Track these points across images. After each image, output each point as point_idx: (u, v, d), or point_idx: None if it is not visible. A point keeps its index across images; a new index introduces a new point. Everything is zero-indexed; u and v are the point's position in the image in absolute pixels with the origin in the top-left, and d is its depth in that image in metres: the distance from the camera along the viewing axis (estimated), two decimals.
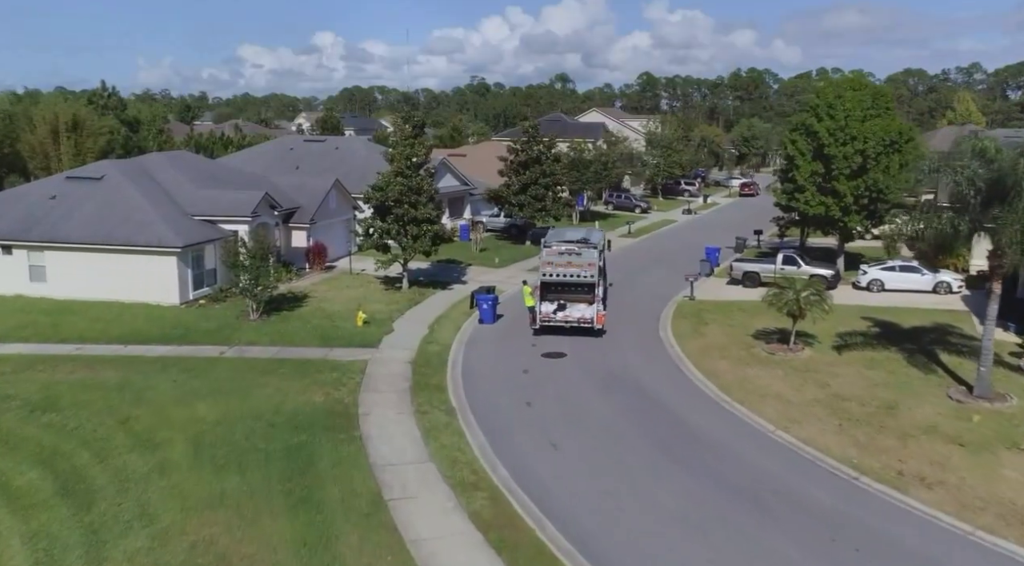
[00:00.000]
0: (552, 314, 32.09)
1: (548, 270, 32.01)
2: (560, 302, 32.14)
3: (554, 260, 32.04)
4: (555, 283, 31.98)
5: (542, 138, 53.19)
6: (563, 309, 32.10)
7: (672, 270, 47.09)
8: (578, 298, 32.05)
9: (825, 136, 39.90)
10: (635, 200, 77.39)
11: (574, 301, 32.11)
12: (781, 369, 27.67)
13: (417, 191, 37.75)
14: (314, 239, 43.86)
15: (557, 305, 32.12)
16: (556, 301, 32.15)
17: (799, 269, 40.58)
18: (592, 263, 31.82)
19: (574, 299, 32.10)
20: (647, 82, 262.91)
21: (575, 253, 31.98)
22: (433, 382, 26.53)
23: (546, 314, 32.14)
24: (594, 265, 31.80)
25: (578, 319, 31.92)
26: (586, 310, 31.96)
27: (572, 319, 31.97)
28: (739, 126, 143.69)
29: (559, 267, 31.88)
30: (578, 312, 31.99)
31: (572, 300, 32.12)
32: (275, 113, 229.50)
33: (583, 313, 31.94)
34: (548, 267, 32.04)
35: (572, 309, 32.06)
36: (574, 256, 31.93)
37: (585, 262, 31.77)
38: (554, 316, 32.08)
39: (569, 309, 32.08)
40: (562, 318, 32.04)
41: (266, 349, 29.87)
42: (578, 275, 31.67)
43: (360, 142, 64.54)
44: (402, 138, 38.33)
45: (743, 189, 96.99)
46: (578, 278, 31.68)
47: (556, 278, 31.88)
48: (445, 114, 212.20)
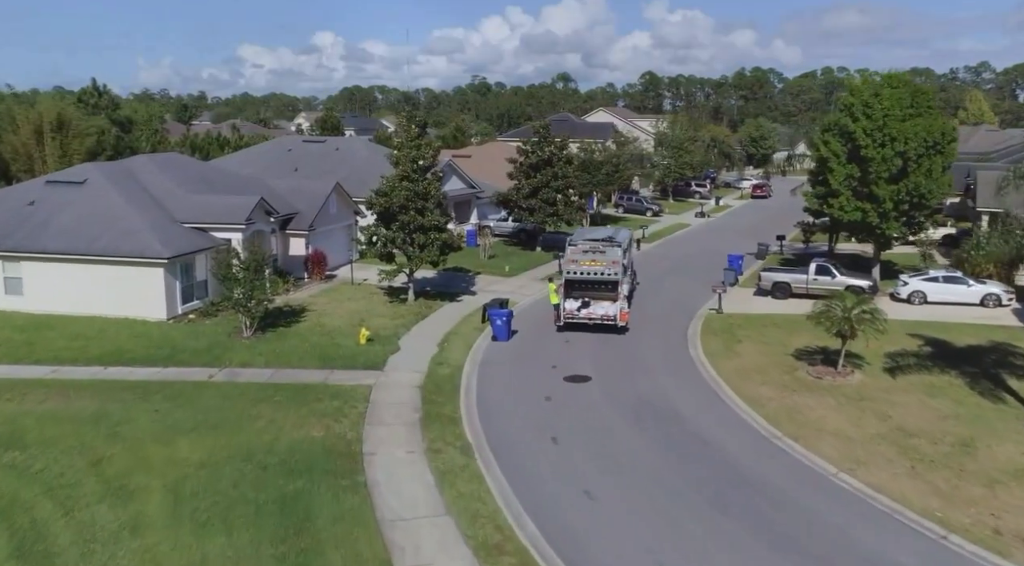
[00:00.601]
0: (576, 311, 32.21)
1: (572, 268, 32.37)
2: (584, 299, 32.41)
3: (578, 258, 32.36)
4: (579, 281, 32.37)
5: (553, 139, 50.39)
6: (587, 306, 32.27)
7: (693, 279, 44.36)
8: (602, 296, 32.38)
9: (862, 137, 37.13)
10: (646, 203, 74.60)
11: (598, 299, 32.39)
12: (832, 396, 24.87)
13: (424, 196, 34.99)
14: (313, 247, 41.09)
15: (581, 302, 32.36)
16: (580, 298, 32.46)
17: (833, 279, 37.91)
18: (616, 261, 32.03)
19: (598, 297, 32.43)
20: (650, 81, 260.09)
21: (599, 251, 32.25)
22: (446, 412, 23.75)
23: (570, 311, 32.27)
24: (617, 263, 32.02)
25: (601, 316, 31.95)
26: (609, 307, 31.98)
27: (595, 316, 32.01)
28: (747, 126, 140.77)
29: (583, 265, 32.24)
30: (601, 309, 32.04)
31: (596, 298, 32.44)
32: (274, 113, 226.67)
33: (606, 310, 31.95)
34: (572, 265, 32.40)
35: (596, 306, 32.21)
36: (598, 254, 32.21)
37: (609, 260, 32.04)
38: (578, 313, 32.17)
39: (593, 306, 32.24)
40: (585, 315, 32.10)
41: (260, 372, 27.10)
42: (601, 273, 32.03)
43: (361, 143, 61.80)
44: (407, 140, 35.56)
45: (755, 191, 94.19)
46: (601, 276, 32.04)
47: (580, 276, 32.26)
48: (446, 114, 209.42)
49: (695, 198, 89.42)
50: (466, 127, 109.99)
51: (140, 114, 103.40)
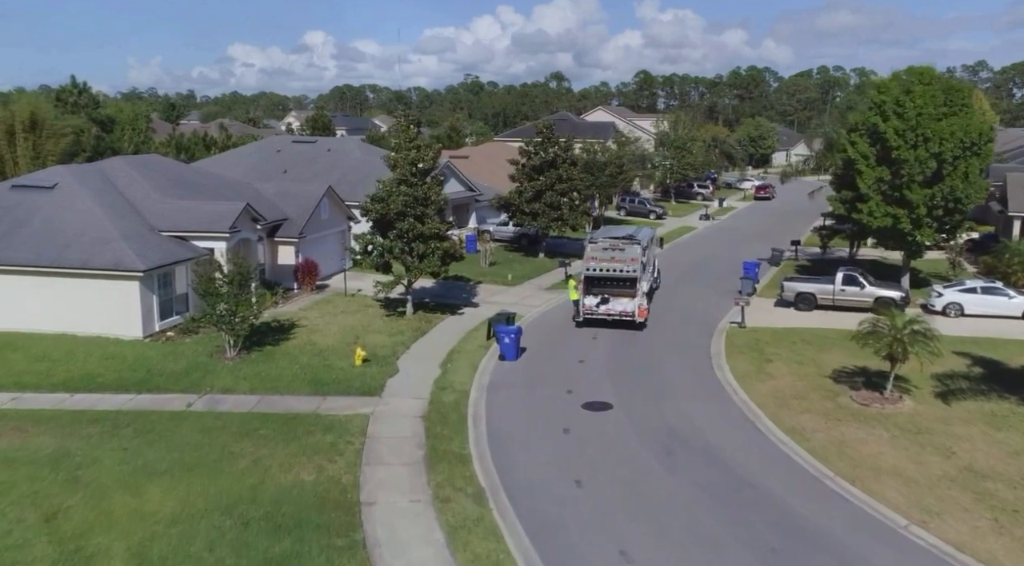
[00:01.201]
0: (595, 307, 32.69)
1: (592, 265, 32.96)
2: (603, 296, 32.73)
3: (598, 255, 32.98)
4: (598, 278, 32.81)
5: (558, 139, 47.74)
6: (606, 303, 32.66)
7: (708, 288, 41.83)
8: (620, 292, 32.70)
9: (893, 137, 34.61)
10: (650, 205, 72.02)
11: (617, 295, 32.71)
12: (883, 428, 22.31)
13: (424, 202, 32.29)
14: (304, 255, 38.32)
15: (600, 299, 32.70)
16: (599, 295, 32.75)
17: (862, 291, 35.43)
18: (635, 258, 32.63)
19: (617, 293, 32.73)
20: (644, 80, 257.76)
21: (618, 248, 32.86)
22: (453, 448, 21.07)
23: (589, 307, 32.75)
24: (636, 260, 32.59)
25: (620, 312, 32.47)
26: (628, 304, 32.48)
27: (614, 312, 32.53)
28: (745, 125, 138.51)
29: (603, 262, 32.81)
30: (620, 306, 32.50)
31: (615, 294, 32.73)
32: (264, 112, 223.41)
33: (625, 307, 32.46)
34: (592, 262, 32.99)
35: (614, 303, 32.60)
36: (617, 251, 32.80)
37: (628, 257, 32.66)
38: (597, 309, 32.66)
39: (611, 302, 32.61)
40: (604, 311, 32.62)
41: (244, 399, 24.37)
42: (620, 270, 32.56)
43: (354, 143, 58.99)
44: (406, 141, 32.83)
45: (758, 192, 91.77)
46: (620, 273, 32.56)
47: (599, 273, 32.78)
48: (439, 113, 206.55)
49: (697, 200, 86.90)
50: (461, 127, 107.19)
51: (126, 113, 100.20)
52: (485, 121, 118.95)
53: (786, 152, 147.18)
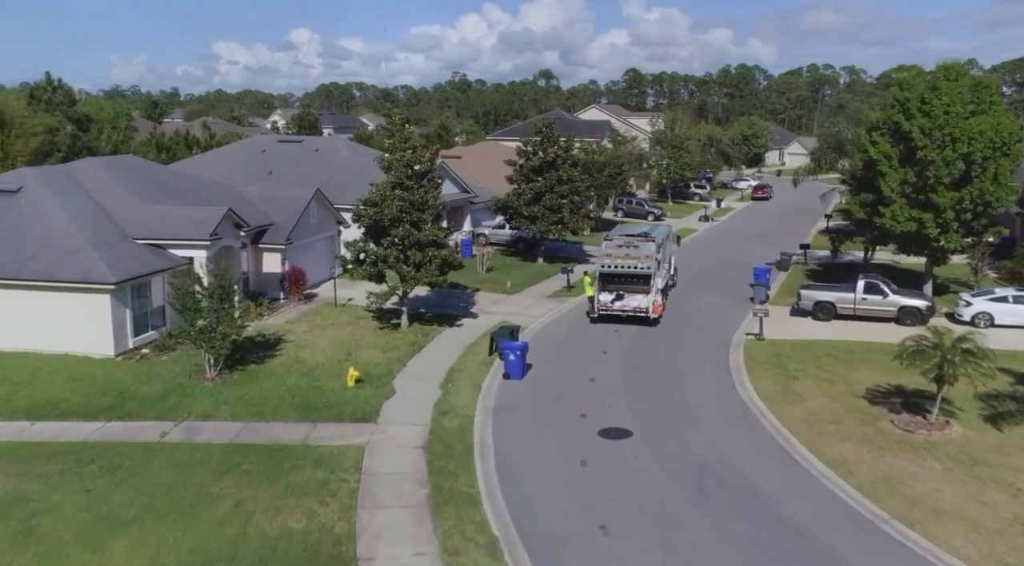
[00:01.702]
0: (610, 304, 33.00)
1: (607, 262, 33.61)
2: (618, 292, 33.19)
3: (612, 252, 33.62)
4: (613, 274, 33.46)
5: (558, 138, 45.49)
6: (620, 299, 33.02)
7: (718, 294, 39.78)
8: (635, 289, 33.21)
9: (919, 137, 32.60)
10: (648, 206, 69.90)
11: (631, 291, 33.20)
12: (934, 458, 20.22)
13: (421, 207, 29.99)
14: (290, 263, 35.91)
15: (615, 295, 33.13)
16: (614, 291, 33.25)
17: (885, 299, 33.41)
18: (649, 255, 33.13)
19: (631, 290, 33.23)
20: (634, 78, 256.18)
21: (633, 246, 33.43)
22: (460, 486, 18.81)
23: (604, 303, 33.06)
24: (651, 257, 33.08)
25: (634, 308, 32.74)
26: (642, 300, 32.83)
27: (628, 308, 32.79)
28: (739, 123, 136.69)
29: (617, 259, 33.42)
30: (634, 302, 32.86)
31: (629, 291, 33.24)
32: (249, 110, 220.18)
33: (639, 303, 32.79)
34: (607, 259, 33.65)
35: (629, 299, 32.98)
36: (632, 248, 33.36)
37: (642, 254, 33.19)
38: (611, 306, 32.96)
39: (626, 299, 33.00)
40: (619, 307, 32.90)
41: (225, 427, 22.02)
42: (635, 267, 33.08)
43: (342, 143, 56.52)
44: (400, 141, 30.50)
45: (756, 192, 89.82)
46: (635, 270, 33.08)
47: (614, 269, 33.38)
48: (427, 111, 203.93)
49: (695, 200, 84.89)
50: (451, 125, 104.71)
51: (106, 111, 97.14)
52: (475, 119, 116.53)
53: (779, 151, 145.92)
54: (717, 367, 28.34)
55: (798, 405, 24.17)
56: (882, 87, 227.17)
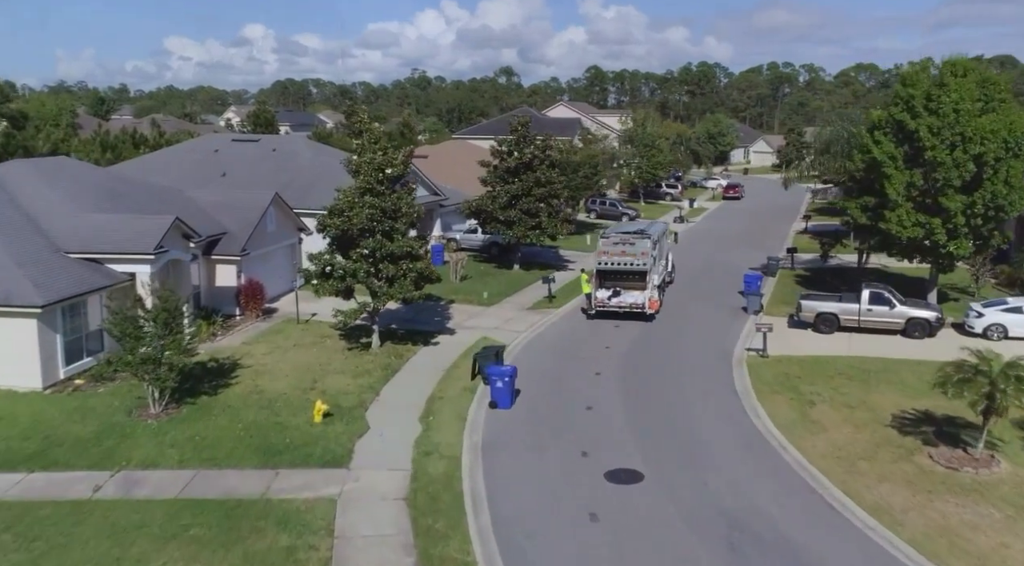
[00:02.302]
0: (607, 300, 33.53)
1: (603, 259, 33.82)
2: (615, 289, 33.62)
3: (609, 249, 33.85)
4: (610, 271, 33.77)
5: (534, 138, 42.71)
6: (617, 295, 33.51)
7: (709, 303, 37.50)
8: (632, 285, 33.63)
9: (927, 137, 30.49)
10: (621, 207, 67.56)
11: (628, 288, 33.62)
12: (989, 503, 17.85)
13: (394, 215, 26.96)
14: (247, 276, 32.58)
15: (612, 291, 33.57)
16: (611, 288, 33.64)
17: (892, 310, 31.28)
18: (645, 252, 33.42)
19: (628, 286, 33.64)
20: (595, 76, 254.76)
21: (629, 243, 33.72)
22: (452, 552, 15.89)
23: (601, 300, 33.58)
24: (647, 254, 33.38)
25: (631, 304, 33.26)
26: (639, 296, 33.30)
27: (625, 304, 33.32)
28: (705, 121, 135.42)
29: (614, 256, 33.66)
30: (631, 298, 33.33)
31: (626, 287, 33.65)
32: (202, 107, 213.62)
33: (636, 299, 33.28)
34: (603, 256, 33.87)
35: (626, 295, 33.46)
36: (628, 246, 33.65)
37: (638, 251, 33.45)
38: (609, 302, 33.49)
39: (623, 295, 33.47)
40: (616, 304, 33.43)
41: (171, 477, 18.84)
42: (631, 263, 33.37)
43: (302, 142, 53.06)
44: (370, 141, 27.41)
45: (727, 192, 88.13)
46: (631, 266, 33.37)
47: (610, 266, 33.67)
48: (387, 108, 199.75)
49: (666, 200, 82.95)
50: (413, 123, 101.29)
51: (48, 108, 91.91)
52: (439, 117, 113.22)
53: (745, 149, 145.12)
54: (723, 389, 25.83)
55: (821, 436, 21.71)
56: (840, 85, 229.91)
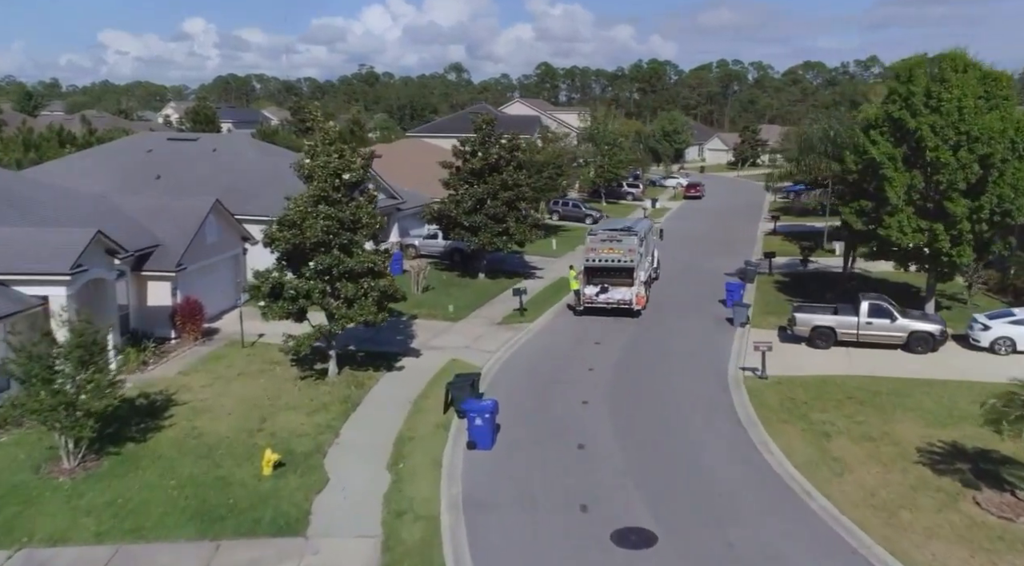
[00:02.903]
0: (595, 297, 33.81)
1: (591, 255, 33.94)
2: (603, 285, 33.81)
3: (596, 246, 34.03)
4: (598, 268, 33.93)
5: (500, 137, 39.64)
6: (605, 292, 33.77)
7: (691, 314, 35.07)
8: (619, 282, 33.80)
9: (929, 136, 28.32)
10: (584, 208, 64.90)
11: (615, 284, 33.80)
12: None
13: (353, 226, 23.65)
14: (184, 293, 28.88)
15: (600, 288, 33.80)
16: (599, 284, 33.83)
17: (893, 324, 29.06)
18: (632, 249, 33.63)
19: (615, 283, 33.81)
20: (546, 72, 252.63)
21: (616, 240, 33.96)
22: None
23: (589, 297, 33.87)
24: (634, 251, 33.57)
25: (618, 301, 33.63)
26: (626, 292, 33.63)
27: (613, 301, 33.67)
28: (660, 119, 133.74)
29: (601, 253, 33.82)
30: (619, 294, 33.64)
31: (614, 283, 33.80)
32: (139, 103, 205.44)
33: (623, 295, 33.62)
34: (591, 253, 33.99)
35: (613, 291, 33.71)
36: (615, 243, 33.87)
37: (625, 248, 33.68)
38: (596, 298, 33.80)
39: (611, 291, 33.71)
40: (604, 300, 33.74)
41: (87, 556, 15.37)
42: (618, 260, 33.55)
43: (246, 141, 49.13)
44: (324, 142, 24.03)
45: (688, 191, 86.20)
46: (618, 263, 33.58)
47: (598, 263, 33.83)
48: (334, 104, 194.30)
49: (628, 200, 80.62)
50: (363, 120, 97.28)
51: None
52: (389, 114, 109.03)
53: (699, 147, 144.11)
54: (726, 419, 23.16)
55: (848, 479, 19.14)
56: (789, 83, 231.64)
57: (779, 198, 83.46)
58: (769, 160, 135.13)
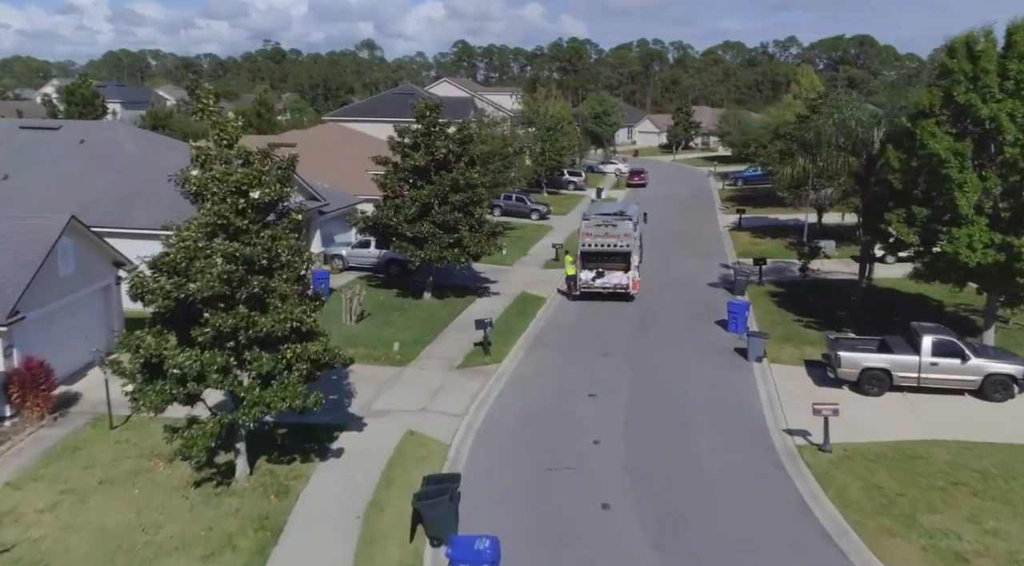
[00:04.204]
0: (591, 281, 33.79)
1: (587, 241, 33.72)
2: (598, 270, 33.76)
3: (592, 231, 33.79)
4: (593, 253, 33.79)
5: (444, 127, 32.07)
6: (601, 276, 33.74)
7: (689, 342, 28.96)
8: (615, 266, 33.76)
9: (1008, 127, 22.42)
10: (530, 202, 57.86)
11: (611, 269, 33.75)
12: None
13: (267, 268, 15.93)
14: (23, 353, 20.45)
15: (595, 273, 33.77)
16: (595, 269, 33.79)
17: (964, 365, 23.16)
18: (627, 234, 33.52)
19: (611, 267, 33.76)
20: (463, 51, 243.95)
21: (611, 224, 33.86)
22: None
23: (585, 281, 33.85)
24: (629, 235, 33.46)
25: (615, 285, 33.64)
26: (622, 277, 33.61)
27: (609, 285, 33.69)
28: (589, 100, 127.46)
29: (597, 238, 33.61)
30: (615, 279, 33.64)
31: (609, 268, 33.77)
32: (19, 79, 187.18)
33: (619, 280, 33.62)
34: (587, 238, 33.75)
35: (609, 276, 33.69)
36: (610, 227, 33.74)
37: (621, 233, 33.56)
38: (593, 283, 33.76)
39: (607, 276, 33.70)
40: (600, 285, 33.74)
41: None
42: (614, 245, 33.43)
43: (124, 130, 39.90)
44: (221, 141, 16.13)
45: (632, 179, 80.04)
46: (614, 247, 33.48)
47: (594, 248, 33.63)
48: (237, 83, 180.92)
49: (569, 189, 73.99)
50: (271, 101, 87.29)
51: None
52: (300, 94, 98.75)
53: (628, 129, 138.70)
54: (802, 526, 16.65)
55: None
56: (710, 63, 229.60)
57: (726, 185, 78.49)
58: (702, 143, 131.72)
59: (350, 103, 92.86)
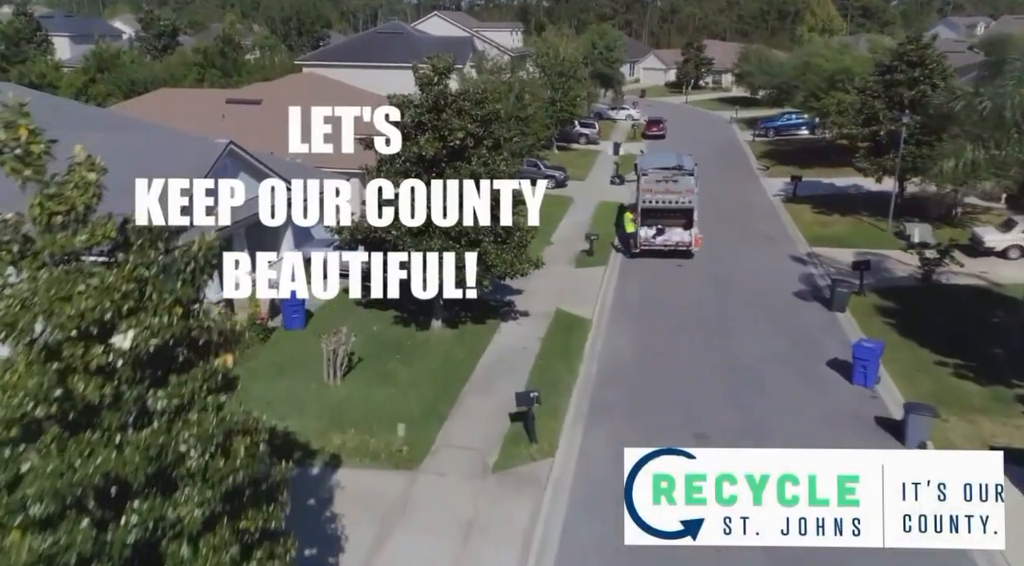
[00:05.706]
0: (652, 239, 32.97)
1: (648, 197, 32.85)
2: (659, 227, 33.00)
3: (652, 187, 32.90)
4: (655, 209, 32.87)
5: (463, 100, 22.97)
6: (661, 233, 32.98)
7: (798, 417, 20.37)
8: (675, 223, 33.11)
9: None
10: (543, 165, 48.78)
11: (672, 226, 33.09)
12: None
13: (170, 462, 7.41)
14: None
15: (656, 230, 32.96)
16: (655, 226, 32.99)
17: None
18: (690, 189, 32.72)
19: (672, 224, 33.12)
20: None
21: (672, 180, 32.91)
22: None
23: (645, 239, 32.99)
24: (691, 191, 32.68)
25: (676, 243, 32.89)
26: (683, 234, 32.89)
27: (671, 243, 32.92)
28: (589, 33, 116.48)
29: (658, 194, 32.79)
30: (676, 236, 32.95)
31: (670, 225, 33.08)
32: None
33: (681, 237, 32.91)
34: (648, 194, 32.90)
35: (670, 233, 32.97)
36: (671, 183, 32.86)
37: (683, 188, 32.76)
38: (654, 240, 32.95)
39: (668, 233, 32.95)
40: (661, 242, 32.93)
41: None
42: (676, 201, 32.67)
43: None
44: (46, 223, 7.42)
45: (649, 129, 70.61)
46: (677, 204, 32.68)
47: (655, 204, 32.76)
48: (204, 12, 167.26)
49: (581, 143, 64.73)
50: (239, 36, 76.33)
51: None
52: (272, 29, 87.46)
53: (632, 65, 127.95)
54: None
55: None
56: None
57: (756, 137, 69.57)
58: (712, 82, 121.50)
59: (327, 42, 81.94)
